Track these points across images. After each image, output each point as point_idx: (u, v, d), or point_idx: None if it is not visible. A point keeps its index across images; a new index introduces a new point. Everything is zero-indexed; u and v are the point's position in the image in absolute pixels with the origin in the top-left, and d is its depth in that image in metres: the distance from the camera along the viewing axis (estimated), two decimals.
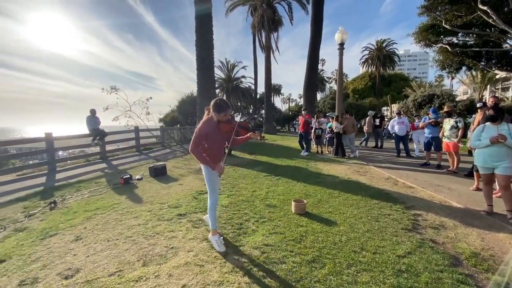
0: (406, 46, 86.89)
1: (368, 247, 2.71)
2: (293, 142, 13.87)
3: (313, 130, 9.89)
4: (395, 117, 9.46)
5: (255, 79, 29.72)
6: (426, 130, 6.78)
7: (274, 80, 59.28)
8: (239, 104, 31.10)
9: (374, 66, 34.63)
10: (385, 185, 5.25)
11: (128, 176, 5.69)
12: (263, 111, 30.14)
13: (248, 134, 2.83)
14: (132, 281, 2.21)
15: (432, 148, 6.73)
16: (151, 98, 13.09)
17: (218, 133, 2.69)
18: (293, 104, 53.02)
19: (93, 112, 8.64)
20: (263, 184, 5.36)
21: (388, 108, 26.25)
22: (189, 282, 2.19)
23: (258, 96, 31.59)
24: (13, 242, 3.01)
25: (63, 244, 2.92)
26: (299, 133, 10.02)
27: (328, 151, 10.07)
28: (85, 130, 8.67)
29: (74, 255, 2.68)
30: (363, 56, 36.99)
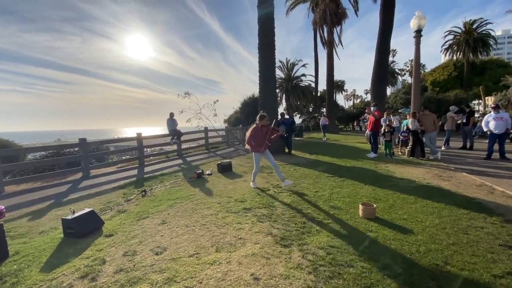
0: (506, 25, 68.79)
1: (453, 262, 2.37)
2: (357, 142, 12.95)
3: (382, 129, 9.03)
4: (490, 111, 7.76)
5: (316, 76, 28.73)
6: None
7: (337, 76, 56.33)
8: (298, 103, 30.58)
9: (461, 53, 29.18)
10: (476, 193, 4.44)
11: (200, 171, 6.37)
12: (323, 110, 28.94)
13: (278, 133, 5.08)
14: (208, 263, 2.49)
15: None
16: (217, 101, 14.16)
17: (261, 133, 4.91)
18: (358, 100, 49.26)
19: (171, 115, 9.94)
20: (326, 185, 5.21)
21: (480, 101, 21.75)
22: (257, 271, 2.34)
23: (319, 94, 30.51)
24: (118, 220, 3.75)
25: (153, 226, 3.49)
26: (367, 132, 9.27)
27: (401, 151, 9.04)
28: (164, 131, 10.04)
29: (162, 235, 3.17)
30: (446, 42, 31.57)
